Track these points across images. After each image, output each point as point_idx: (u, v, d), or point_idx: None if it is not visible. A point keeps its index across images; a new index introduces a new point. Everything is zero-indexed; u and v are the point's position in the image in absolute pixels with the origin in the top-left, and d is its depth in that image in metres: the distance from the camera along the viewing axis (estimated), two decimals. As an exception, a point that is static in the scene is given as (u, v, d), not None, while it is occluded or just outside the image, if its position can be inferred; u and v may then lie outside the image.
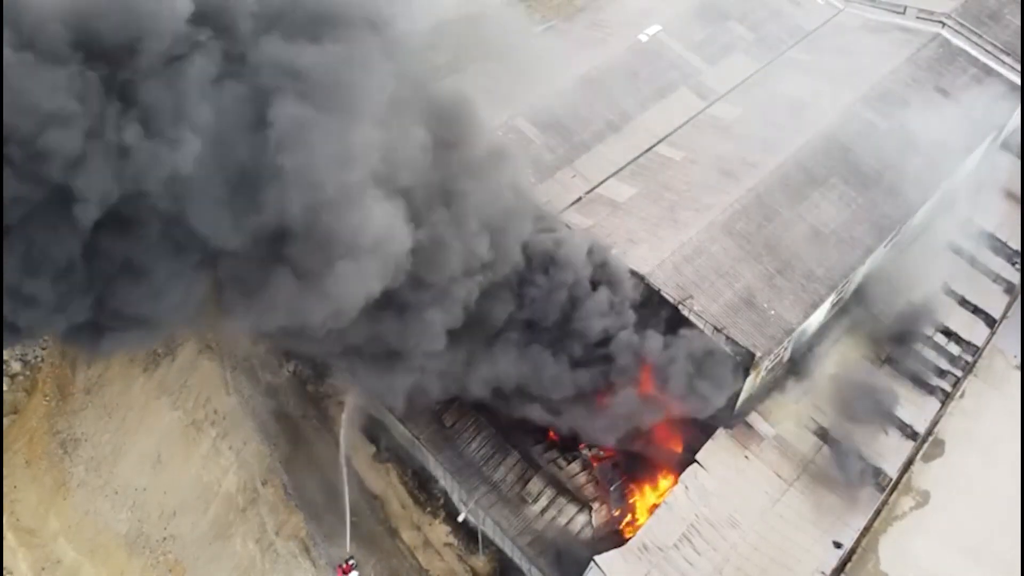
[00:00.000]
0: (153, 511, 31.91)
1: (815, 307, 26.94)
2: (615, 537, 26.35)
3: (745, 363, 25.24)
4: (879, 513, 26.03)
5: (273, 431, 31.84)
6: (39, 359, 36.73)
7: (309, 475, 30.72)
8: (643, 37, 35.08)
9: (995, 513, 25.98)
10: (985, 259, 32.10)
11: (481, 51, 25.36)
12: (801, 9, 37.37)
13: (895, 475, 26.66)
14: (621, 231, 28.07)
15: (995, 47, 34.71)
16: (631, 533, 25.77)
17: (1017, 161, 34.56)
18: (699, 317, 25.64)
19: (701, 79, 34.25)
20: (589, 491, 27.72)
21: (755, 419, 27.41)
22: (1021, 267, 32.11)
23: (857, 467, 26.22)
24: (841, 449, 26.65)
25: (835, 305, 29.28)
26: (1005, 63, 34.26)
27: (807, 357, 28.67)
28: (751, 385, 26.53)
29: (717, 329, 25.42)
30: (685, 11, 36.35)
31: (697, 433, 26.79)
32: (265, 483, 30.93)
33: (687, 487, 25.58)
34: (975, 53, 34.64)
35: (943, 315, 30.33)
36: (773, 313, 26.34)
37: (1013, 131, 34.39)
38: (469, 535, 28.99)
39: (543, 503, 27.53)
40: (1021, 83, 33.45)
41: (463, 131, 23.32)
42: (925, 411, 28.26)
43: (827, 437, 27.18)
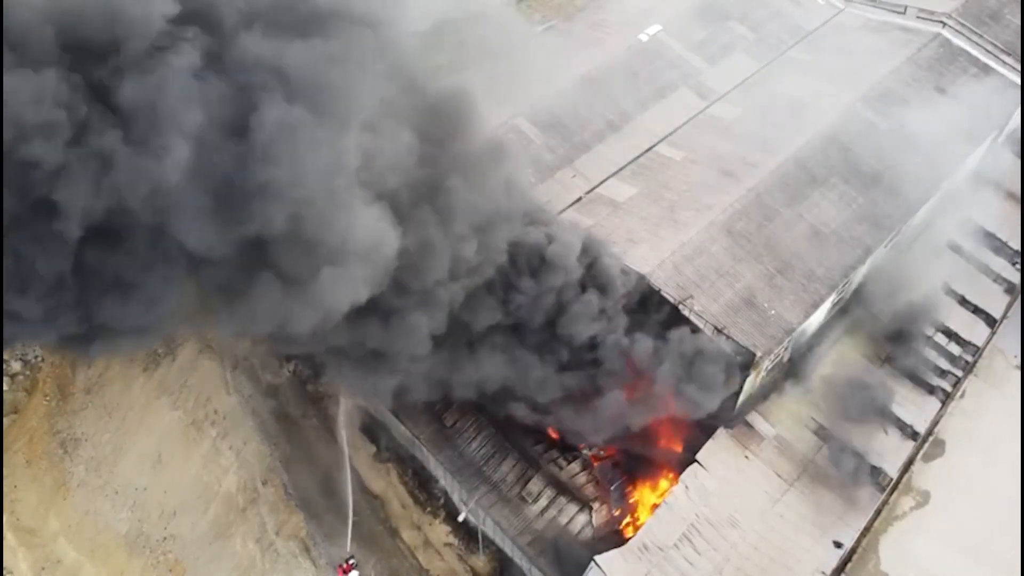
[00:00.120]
0: (153, 511, 31.93)
1: (815, 307, 26.96)
2: (615, 537, 26.36)
3: (745, 363, 25.23)
4: (879, 513, 26.03)
5: (273, 431, 31.85)
6: (39, 359, 36.74)
7: (309, 475, 30.72)
8: (643, 37, 35.10)
9: (995, 513, 25.99)
10: (985, 259, 32.08)
11: (481, 51, 25.23)
12: (801, 9, 37.38)
13: (895, 475, 26.66)
14: (621, 231, 28.06)
15: (995, 47, 34.72)
16: (631, 533, 25.80)
17: (1017, 161, 34.57)
18: (699, 317, 25.65)
19: (701, 79, 34.26)
20: (589, 491, 27.73)
21: (755, 419, 27.41)
22: (1021, 267, 32.09)
23: (851, 464, 26.20)
24: (836, 446, 26.68)
25: (835, 305, 29.27)
26: (1005, 63, 34.27)
27: (807, 357, 28.63)
28: (751, 385, 26.51)
29: (717, 329, 25.42)
30: (685, 11, 36.37)
31: (697, 433, 26.81)
32: (265, 483, 30.93)
33: (687, 487, 25.58)
34: (975, 53, 34.64)
35: (943, 315, 30.31)
36: (773, 313, 26.35)
37: (1013, 131, 34.38)
38: (469, 535, 29.00)
39: (543, 503, 27.53)
40: (1021, 83, 33.45)
41: (458, 126, 22.90)
42: (925, 411, 28.26)
43: (827, 436, 27.16)
